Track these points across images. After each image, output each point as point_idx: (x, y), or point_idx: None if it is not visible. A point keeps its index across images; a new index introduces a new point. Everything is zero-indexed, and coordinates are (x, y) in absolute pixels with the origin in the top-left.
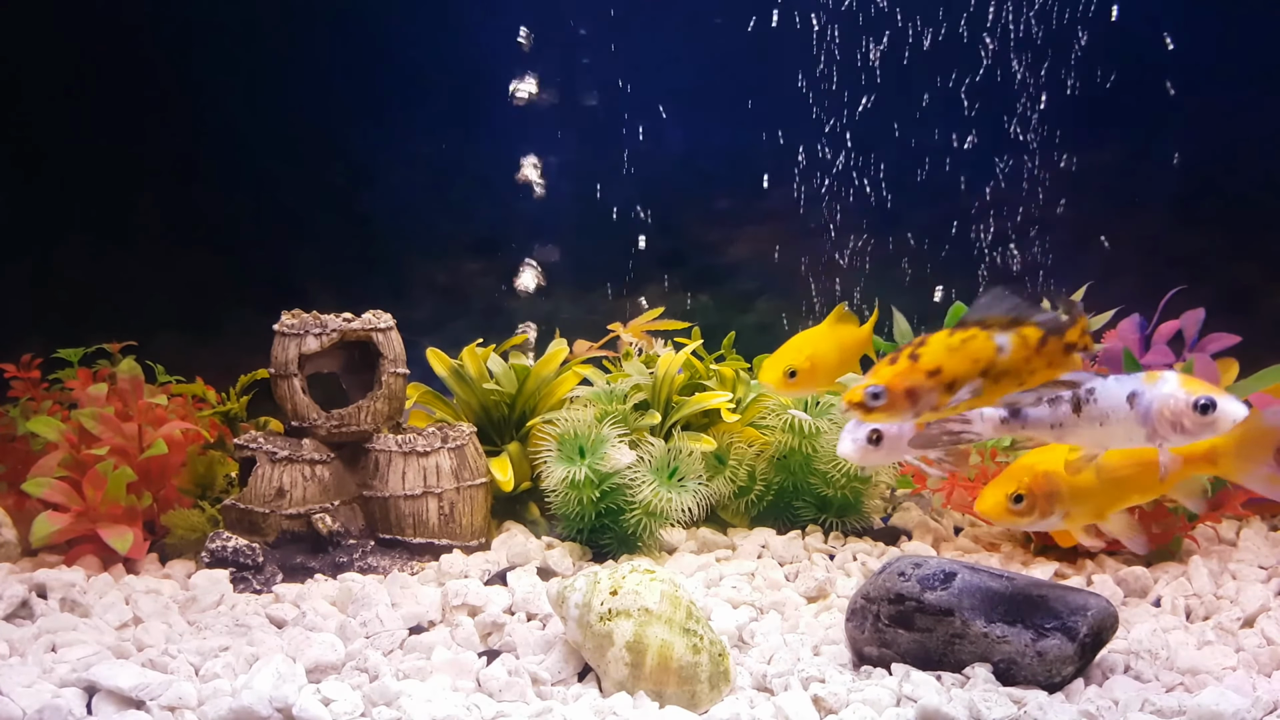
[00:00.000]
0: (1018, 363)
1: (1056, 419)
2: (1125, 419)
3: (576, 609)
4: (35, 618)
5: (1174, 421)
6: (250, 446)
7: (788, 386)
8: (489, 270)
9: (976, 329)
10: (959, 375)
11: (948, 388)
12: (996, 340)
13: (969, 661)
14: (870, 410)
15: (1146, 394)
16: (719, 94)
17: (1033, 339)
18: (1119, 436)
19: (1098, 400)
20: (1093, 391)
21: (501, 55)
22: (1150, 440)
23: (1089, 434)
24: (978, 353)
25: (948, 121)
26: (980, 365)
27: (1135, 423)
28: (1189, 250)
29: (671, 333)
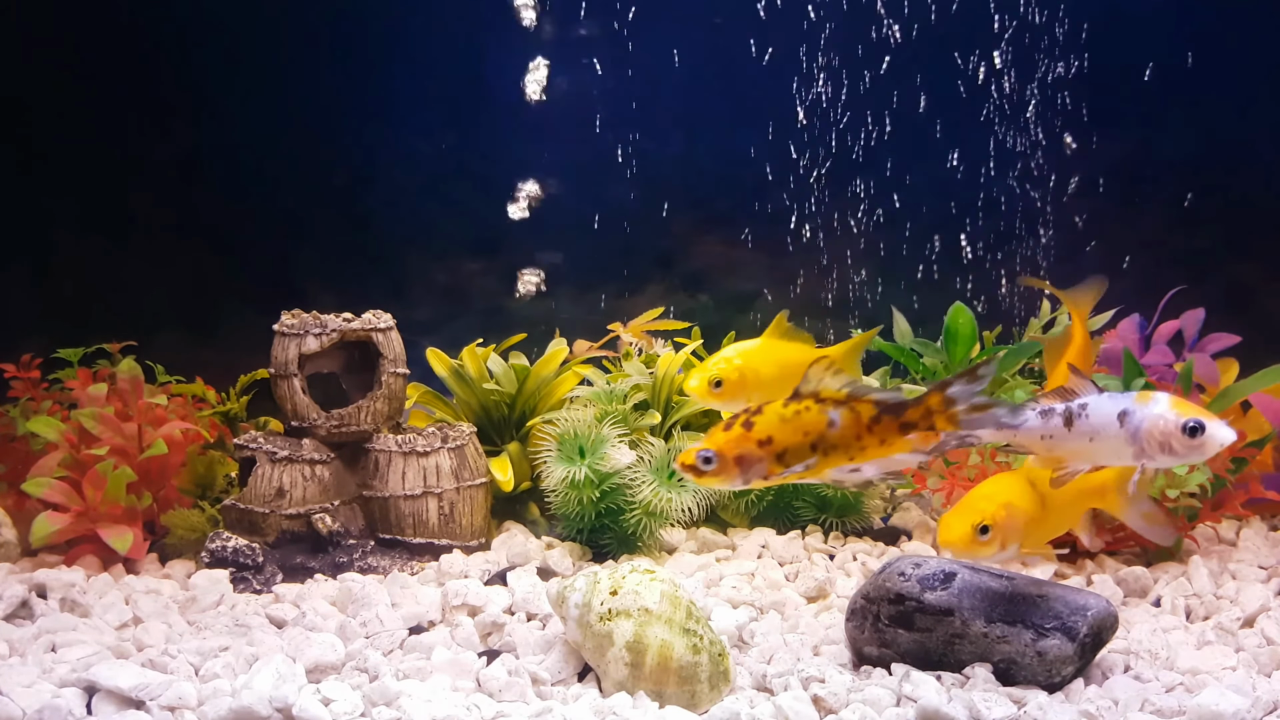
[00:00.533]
0: (848, 438)
1: (1048, 430)
2: (1114, 437)
3: (576, 609)
4: (35, 618)
5: (1162, 442)
6: (250, 446)
7: (713, 396)
8: (489, 270)
9: (810, 401)
10: (789, 446)
11: (778, 457)
12: (829, 414)
13: (969, 661)
14: (701, 474)
15: (1137, 413)
16: (719, 93)
17: (865, 415)
18: (1107, 453)
19: (1089, 416)
20: (1085, 406)
21: (502, 55)
22: (1137, 459)
23: (1078, 448)
24: (809, 425)
25: (948, 121)
26: (811, 438)
27: (1124, 441)
28: (1189, 250)
29: (671, 333)
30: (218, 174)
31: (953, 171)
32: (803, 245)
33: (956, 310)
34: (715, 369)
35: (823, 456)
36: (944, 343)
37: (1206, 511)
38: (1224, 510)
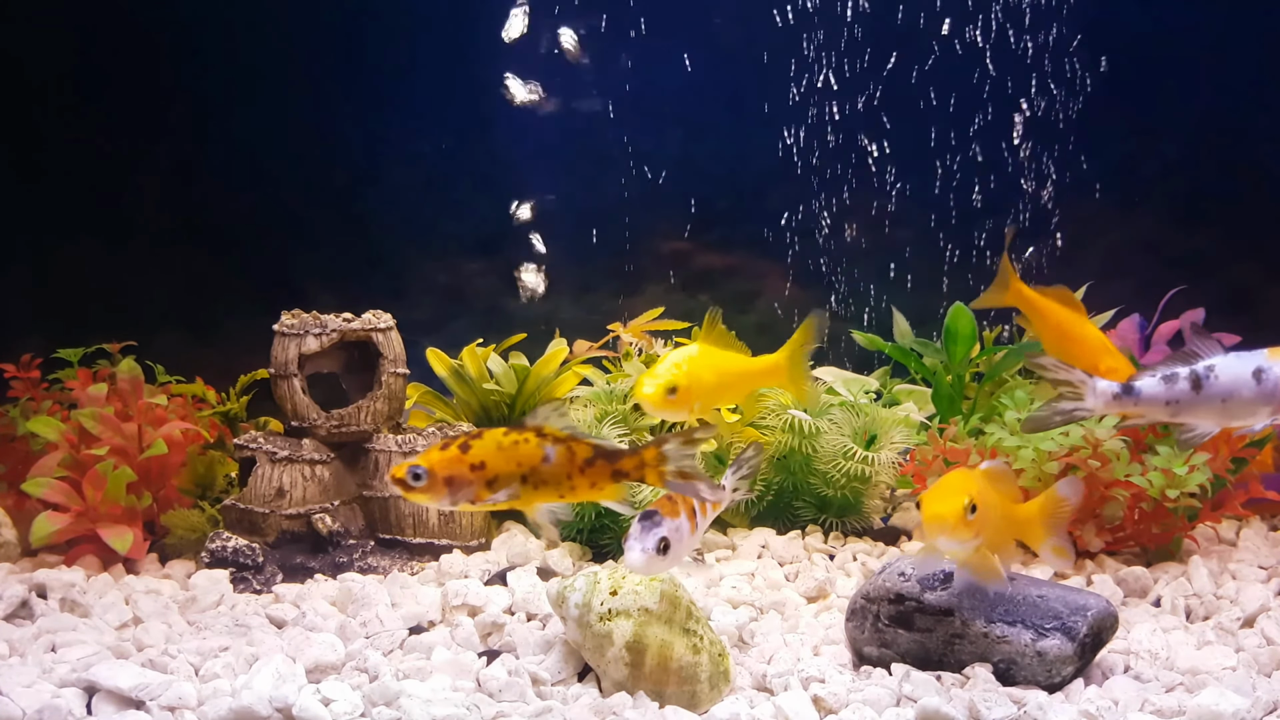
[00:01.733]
0: (559, 475)
1: (1173, 396)
2: (1250, 397)
3: (576, 609)
4: (35, 618)
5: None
6: (250, 446)
7: (667, 405)
8: (489, 270)
9: (532, 434)
10: (501, 473)
11: (489, 483)
12: (545, 449)
13: (969, 661)
14: (410, 489)
15: (1274, 369)
16: (719, 93)
17: (581, 456)
18: (1240, 414)
19: (1219, 376)
20: (1213, 368)
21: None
22: (1275, 415)
23: (1209, 412)
24: (524, 457)
25: (948, 121)
26: (524, 469)
27: (1260, 400)
28: (1189, 250)
29: (671, 333)
30: (218, 174)
31: (953, 171)
32: (803, 245)
33: (956, 310)
34: (668, 377)
35: (532, 489)
36: (944, 343)
37: (1206, 511)
38: (1224, 510)
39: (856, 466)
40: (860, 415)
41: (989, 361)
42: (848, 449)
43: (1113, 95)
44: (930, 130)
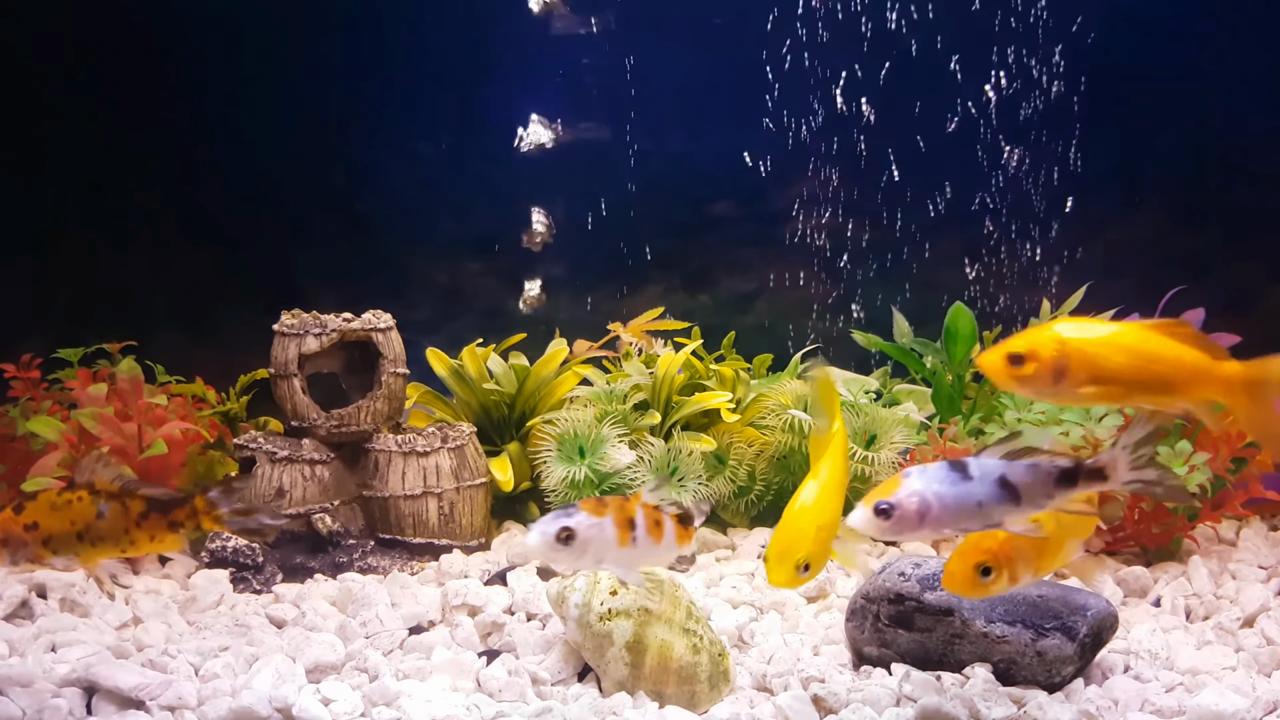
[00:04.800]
0: (117, 530)
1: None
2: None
3: (576, 609)
4: (35, 618)
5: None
6: (250, 446)
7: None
8: (489, 270)
9: (84, 491)
10: (55, 533)
11: (45, 543)
12: (99, 506)
13: (969, 661)
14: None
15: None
16: (719, 94)
17: (135, 510)
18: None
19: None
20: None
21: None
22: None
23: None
24: (77, 515)
25: (948, 121)
26: (78, 527)
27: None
28: (1189, 250)
29: (671, 333)
30: (218, 174)
31: (954, 171)
32: (802, 245)
33: (956, 310)
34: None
35: (90, 546)
36: (944, 343)
37: (1206, 511)
38: (1224, 510)
39: (856, 466)
40: (860, 415)
41: None
42: (848, 449)
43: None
44: (931, 130)
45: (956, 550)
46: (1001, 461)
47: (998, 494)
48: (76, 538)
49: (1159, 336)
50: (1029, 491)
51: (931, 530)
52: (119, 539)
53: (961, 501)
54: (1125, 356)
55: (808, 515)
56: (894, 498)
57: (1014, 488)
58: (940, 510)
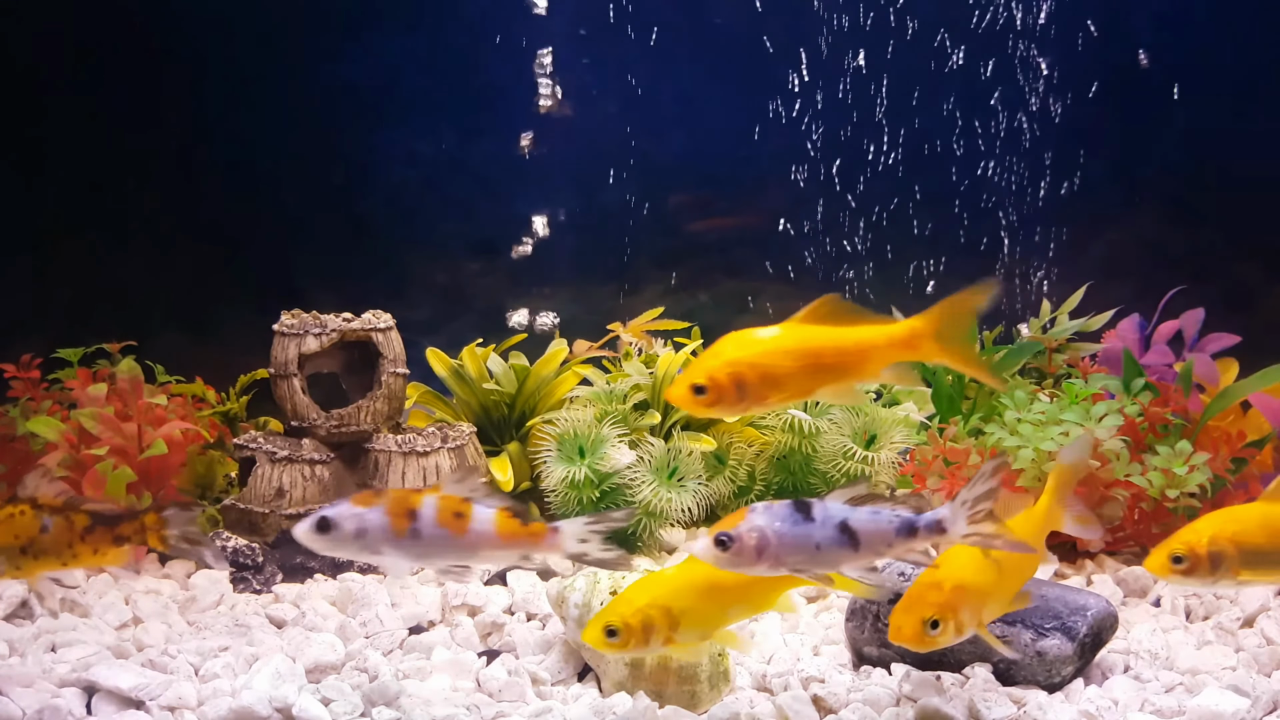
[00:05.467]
0: (60, 544)
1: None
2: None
3: (576, 609)
4: (35, 618)
5: None
6: (250, 446)
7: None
8: (489, 270)
9: (27, 506)
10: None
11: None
12: (43, 520)
13: (969, 661)
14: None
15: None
16: (720, 92)
17: (80, 525)
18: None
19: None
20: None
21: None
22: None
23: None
24: (21, 529)
25: (948, 120)
26: (21, 541)
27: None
28: (1189, 250)
29: (671, 333)
30: (218, 174)
31: (954, 170)
32: (803, 245)
33: None
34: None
35: (33, 560)
36: None
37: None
38: None
39: (856, 466)
40: (860, 415)
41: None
42: (847, 449)
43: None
44: (931, 130)
45: (901, 603)
46: (845, 507)
47: (837, 538)
48: (20, 551)
49: (815, 327)
50: (869, 539)
51: (769, 566)
52: (62, 553)
53: (800, 541)
54: (793, 358)
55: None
56: (734, 530)
57: (854, 534)
58: (778, 547)
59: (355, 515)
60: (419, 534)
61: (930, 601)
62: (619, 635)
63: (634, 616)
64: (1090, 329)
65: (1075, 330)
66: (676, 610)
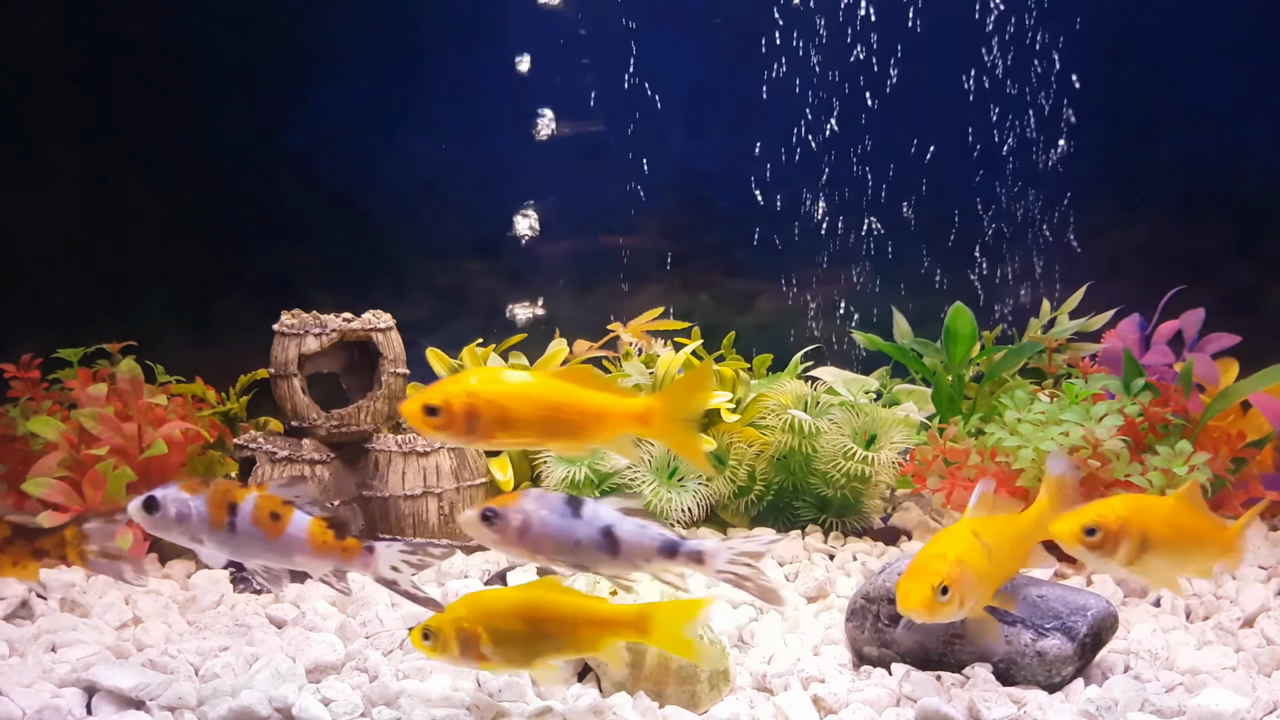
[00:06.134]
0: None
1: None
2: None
3: None
4: (35, 618)
5: None
6: (250, 446)
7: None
8: (489, 270)
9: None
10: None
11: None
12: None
13: (969, 661)
14: None
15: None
16: (720, 93)
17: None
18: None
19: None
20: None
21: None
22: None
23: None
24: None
25: (948, 121)
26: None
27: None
28: (1189, 250)
29: (671, 333)
30: (218, 174)
31: (953, 171)
32: (803, 245)
33: (956, 310)
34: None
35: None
36: (944, 343)
37: None
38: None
39: (856, 466)
40: (860, 415)
41: (989, 361)
42: (848, 449)
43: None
44: (931, 130)
45: (907, 572)
46: (615, 513)
47: (598, 540)
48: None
49: (561, 383)
50: (629, 549)
51: (528, 551)
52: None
53: (561, 534)
54: (531, 406)
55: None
56: (502, 509)
57: (616, 540)
58: (539, 534)
59: (180, 500)
60: (235, 528)
61: (937, 570)
62: (432, 639)
63: (450, 625)
64: (1090, 329)
65: (1075, 330)
66: (497, 633)
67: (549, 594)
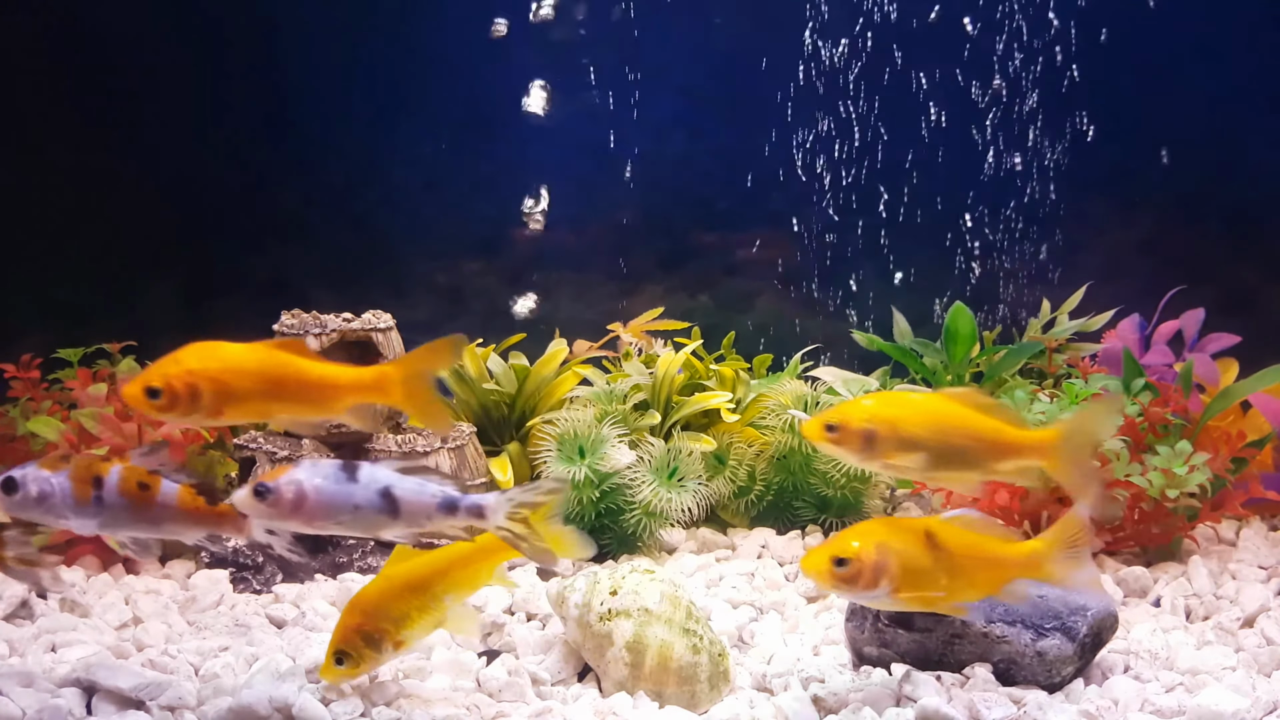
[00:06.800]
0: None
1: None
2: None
3: (576, 609)
4: (35, 618)
5: None
6: (250, 446)
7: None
8: (489, 270)
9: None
10: None
11: None
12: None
13: (969, 661)
14: None
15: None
16: (719, 93)
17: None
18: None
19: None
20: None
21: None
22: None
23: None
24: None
25: (948, 121)
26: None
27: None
28: (1189, 250)
29: (671, 333)
30: (218, 173)
31: (954, 170)
32: (803, 245)
33: (956, 310)
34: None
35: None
36: (944, 343)
37: (1206, 511)
38: (1224, 510)
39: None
40: None
41: (989, 361)
42: None
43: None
44: (931, 130)
45: (833, 538)
46: (392, 473)
47: (377, 503)
48: None
49: (284, 355)
50: (410, 508)
51: (305, 521)
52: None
53: (338, 500)
54: (252, 380)
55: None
56: (273, 481)
57: (395, 501)
58: (316, 503)
59: (40, 478)
60: (102, 501)
61: (846, 543)
62: (345, 661)
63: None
64: (1090, 329)
65: (1075, 330)
66: (397, 615)
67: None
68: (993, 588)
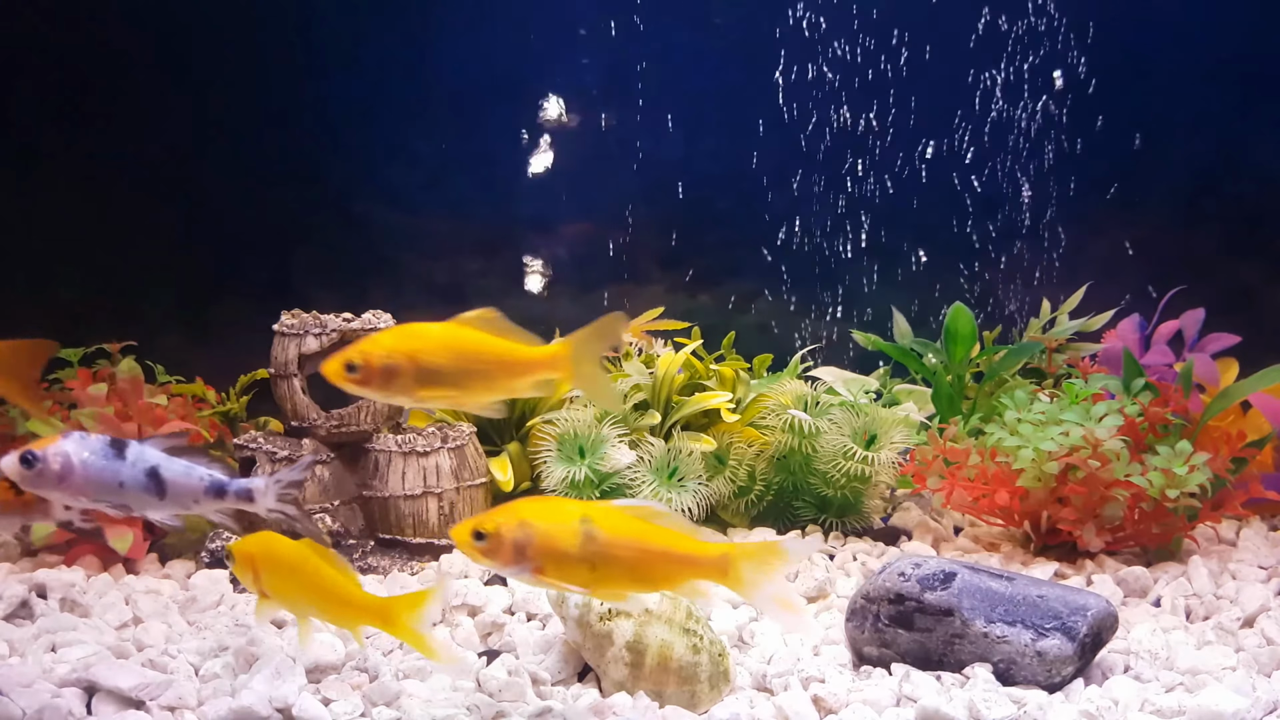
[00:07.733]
0: None
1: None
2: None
3: (576, 609)
4: (35, 618)
5: None
6: (250, 446)
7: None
8: (489, 270)
9: None
10: None
11: None
12: None
13: (969, 661)
14: None
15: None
16: (720, 94)
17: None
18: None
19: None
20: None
21: (502, 54)
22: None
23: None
24: None
25: (948, 121)
26: None
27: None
28: (1189, 250)
29: (671, 333)
30: (218, 174)
31: (954, 171)
32: (803, 245)
33: (956, 310)
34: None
35: None
36: (944, 343)
37: (1206, 511)
38: (1224, 510)
39: (856, 466)
40: (860, 415)
41: (989, 361)
42: (848, 449)
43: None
44: (930, 130)
45: (487, 513)
46: (160, 454)
47: (143, 482)
48: None
49: (475, 332)
50: (176, 490)
51: (71, 494)
52: None
53: (104, 475)
54: (449, 357)
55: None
56: (40, 450)
57: (162, 482)
58: (81, 477)
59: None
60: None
61: (492, 518)
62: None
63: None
64: (1090, 329)
65: (1075, 330)
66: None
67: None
68: (667, 583)
